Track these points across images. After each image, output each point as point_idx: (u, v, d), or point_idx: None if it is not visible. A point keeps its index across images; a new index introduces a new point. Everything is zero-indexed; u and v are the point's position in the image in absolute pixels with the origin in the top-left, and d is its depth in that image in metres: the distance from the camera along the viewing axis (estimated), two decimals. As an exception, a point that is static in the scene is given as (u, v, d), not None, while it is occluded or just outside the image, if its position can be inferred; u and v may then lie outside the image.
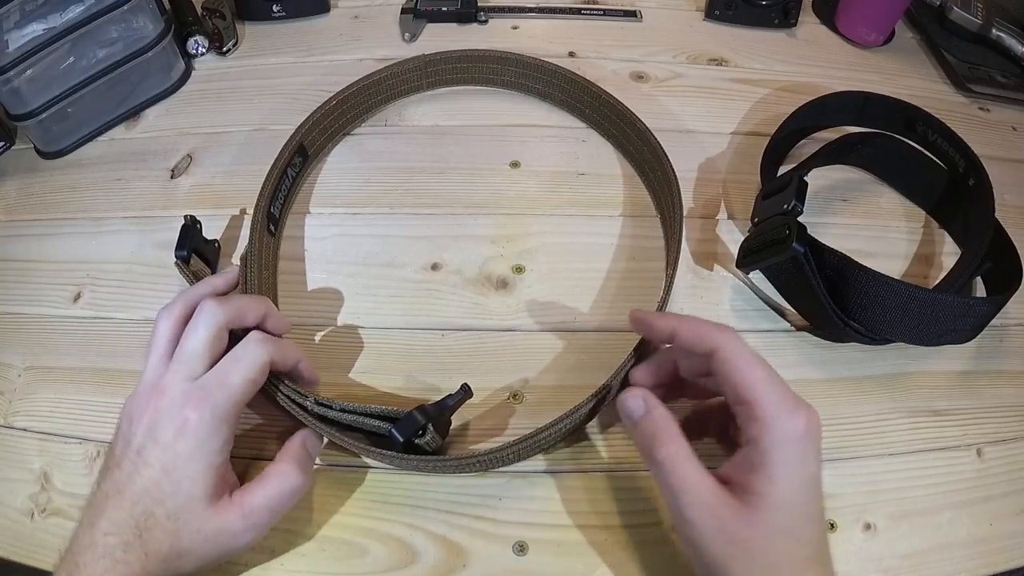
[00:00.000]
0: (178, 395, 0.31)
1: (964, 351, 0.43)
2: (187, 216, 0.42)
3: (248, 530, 0.31)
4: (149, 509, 0.29)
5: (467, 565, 0.34)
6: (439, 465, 0.36)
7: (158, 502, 0.29)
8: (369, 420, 0.35)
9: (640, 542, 0.35)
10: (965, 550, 0.36)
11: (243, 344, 0.33)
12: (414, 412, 0.34)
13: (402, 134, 0.54)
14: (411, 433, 0.34)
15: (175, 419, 0.30)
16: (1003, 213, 0.43)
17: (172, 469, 0.30)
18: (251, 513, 0.31)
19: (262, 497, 0.32)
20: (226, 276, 0.39)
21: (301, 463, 0.33)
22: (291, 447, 0.34)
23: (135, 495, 0.29)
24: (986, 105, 0.58)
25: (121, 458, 0.31)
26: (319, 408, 0.36)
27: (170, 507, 0.29)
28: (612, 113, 0.51)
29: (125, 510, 0.29)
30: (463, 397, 0.36)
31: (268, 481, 0.32)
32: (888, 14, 0.61)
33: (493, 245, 0.47)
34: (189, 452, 0.30)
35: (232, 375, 0.32)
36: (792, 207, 0.41)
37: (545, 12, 0.64)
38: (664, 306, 0.41)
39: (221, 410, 0.31)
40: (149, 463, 0.30)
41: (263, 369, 0.33)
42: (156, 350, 0.33)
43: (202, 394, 0.31)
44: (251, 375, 0.32)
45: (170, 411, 0.31)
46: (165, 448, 0.30)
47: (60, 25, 0.48)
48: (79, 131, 0.53)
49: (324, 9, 0.64)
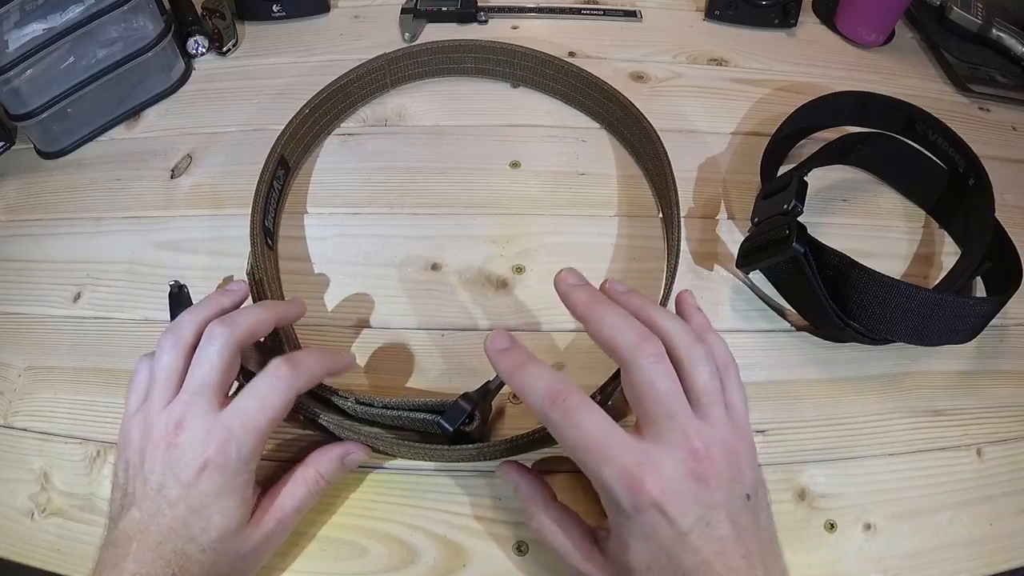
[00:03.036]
0: (199, 432, 0.29)
1: (964, 351, 0.43)
2: (172, 283, 0.39)
3: (284, 534, 0.33)
4: (180, 548, 0.28)
5: (467, 565, 0.34)
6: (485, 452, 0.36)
7: (189, 540, 0.28)
8: (414, 414, 0.35)
9: (640, 542, 0.35)
10: (965, 550, 0.36)
11: (269, 380, 0.31)
12: (459, 400, 0.34)
13: (402, 134, 0.54)
14: (459, 421, 0.34)
15: (197, 458, 0.29)
16: (1003, 213, 0.43)
17: (200, 508, 0.29)
18: (287, 521, 0.32)
19: (292, 500, 0.32)
20: (232, 295, 0.36)
21: (330, 474, 0.34)
22: (326, 456, 0.34)
23: (161, 534, 0.28)
24: (986, 105, 0.58)
25: (139, 497, 0.29)
26: (360, 408, 0.35)
27: (203, 542, 0.29)
28: (618, 108, 0.52)
29: (152, 550, 0.28)
30: (503, 382, 0.36)
31: (297, 487, 0.33)
32: (888, 14, 0.61)
33: (493, 245, 0.47)
34: (216, 490, 0.29)
35: (258, 417, 0.30)
36: (792, 207, 0.41)
37: (545, 12, 0.64)
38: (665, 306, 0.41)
39: (245, 452, 0.30)
40: (173, 503, 0.29)
41: (289, 404, 0.32)
42: (160, 378, 0.31)
43: (226, 434, 0.29)
44: (276, 414, 0.31)
45: (192, 449, 0.29)
46: (188, 487, 0.29)
47: (60, 25, 0.48)
48: (79, 131, 0.53)
49: (324, 9, 0.64)
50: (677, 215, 0.44)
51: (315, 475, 0.33)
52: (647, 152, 0.50)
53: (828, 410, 0.40)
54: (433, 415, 0.34)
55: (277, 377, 0.31)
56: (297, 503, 0.33)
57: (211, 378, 0.31)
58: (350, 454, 0.35)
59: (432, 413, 0.35)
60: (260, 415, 0.30)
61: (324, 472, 0.34)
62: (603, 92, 0.52)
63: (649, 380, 0.28)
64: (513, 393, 0.40)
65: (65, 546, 0.35)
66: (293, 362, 0.32)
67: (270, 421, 0.31)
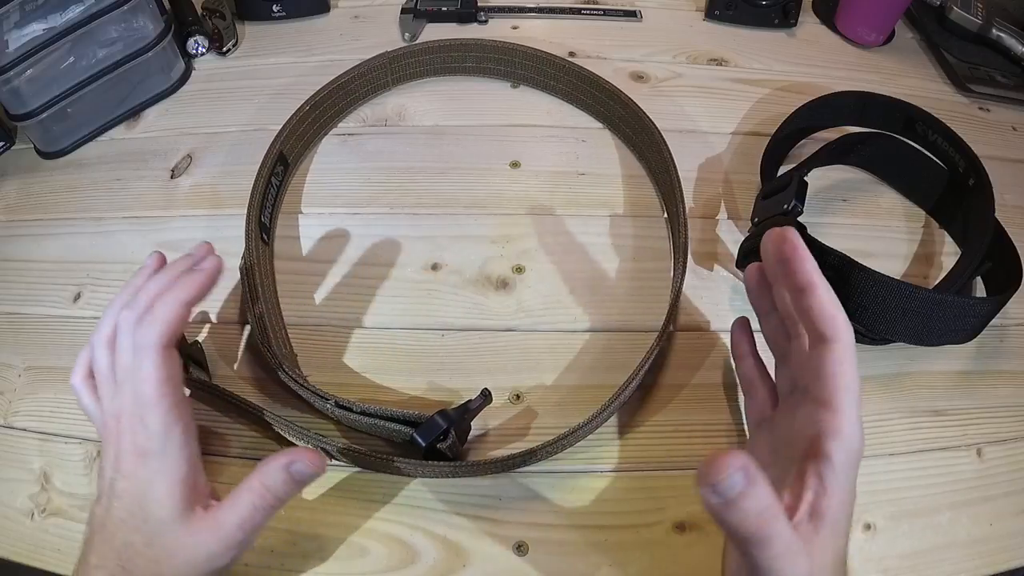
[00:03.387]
0: (126, 422, 0.30)
1: (964, 351, 0.43)
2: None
3: (226, 550, 0.29)
4: (127, 539, 0.29)
5: (467, 565, 0.34)
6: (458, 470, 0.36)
7: (134, 531, 0.29)
8: (389, 424, 0.35)
9: (640, 542, 0.35)
10: (965, 550, 0.36)
11: (134, 355, 0.30)
12: (436, 416, 0.34)
13: (402, 134, 0.54)
14: (433, 437, 0.34)
15: (129, 446, 0.30)
16: (1003, 213, 0.43)
17: (140, 496, 0.29)
18: (224, 534, 0.29)
19: (233, 515, 0.30)
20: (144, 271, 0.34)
21: (274, 486, 0.30)
22: (269, 467, 0.31)
23: (114, 527, 0.29)
24: (986, 105, 0.58)
25: (101, 493, 0.30)
26: (339, 412, 0.36)
27: (145, 534, 0.29)
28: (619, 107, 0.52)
29: (108, 543, 0.29)
30: (484, 402, 0.36)
31: (239, 498, 0.30)
32: (888, 14, 0.61)
33: (493, 245, 0.47)
34: (149, 476, 0.29)
35: (145, 392, 0.30)
36: (792, 207, 0.41)
37: (545, 12, 0.64)
38: (675, 307, 0.41)
39: (158, 427, 0.29)
40: (120, 495, 0.29)
41: (164, 362, 0.30)
42: (100, 379, 0.32)
43: (136, 417, 0.30)
44: (159, 377, 0.30)
45: (124, 439, 0.30)
46: (129, 477, 0.30)
47: (60, 25, 0.48)
48: (79, 131, 0.53)
49: (324, 9, 0.64)
50: (683, 213, 0.44)
51: (259, 487, 0.30)
52: (650, 150, 0.50)
53: (828, 410, 0.40)
54: (408, 428, 0.34)
55: (137, 347, 0.30)
56: (238, 518, 0.30)
57: (128, 364, 0.31)
58: (294, 463, 0.30)
59: (408, 425, 0.34)
60: (147, 388, 0.30)
61: (268, 484, 0.30)
62: (604, 91, 0.52)
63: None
64: (515, 392, 0.40)
65: (65, 546, 0.35)
66: (144, 321, 0.31)
67: (158, 387, 0.30)
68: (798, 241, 0.29)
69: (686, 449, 0.38)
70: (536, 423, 0.39)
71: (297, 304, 0.44)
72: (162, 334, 0.30)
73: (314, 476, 0.31)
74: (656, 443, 0.38)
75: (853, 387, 0.27)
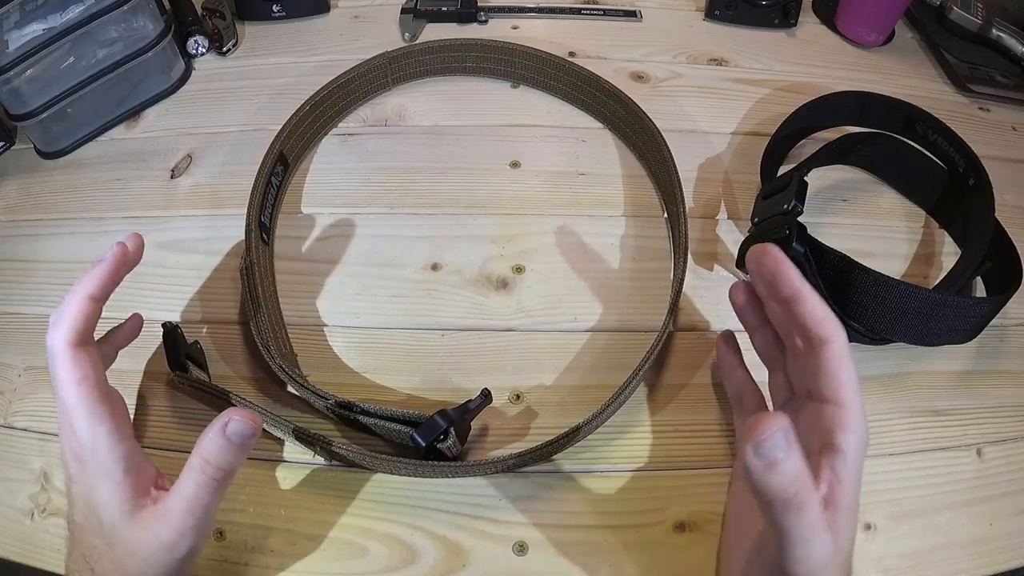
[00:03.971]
0: (63, 426, 0.30)
1: (964, 351, 0.43)
2: (165, 323, 0.39)
3: (180, 537, 0.28)
4: (90, 542, 0.29)
5: (467, 565, 0.34)
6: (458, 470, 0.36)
7: (94, 534, 0.29)
8: (390, 424, 0.35)
9: (640, 542, 0.35)
10: (965, 550, 0.36)
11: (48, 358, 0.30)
12: (436, 416, 0.34)
13: (402, 134, 0.54)
14: (433, 437, 0.34)
15: (69, 451, 0.30)
16: (1003, 213, 0.43)
17: (89, 500, 0.29)
18: (175, 520, 0.28)
19: (178, 500, 0.28)
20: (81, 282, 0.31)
21: (215, 456, 0.28)
22: (204, 439, 0.29)
23: (79, 531, 0.29)
24: (986, 105, 0.58)
25: (68, 500, 0.30)
26: (339, 411, 0.36)
27: (103, 536, 0.29)
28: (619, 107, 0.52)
29: (77, 547, 0.29)
30: (483, 402, 0.36)
31: (182, 482, 0.29)
32: (888, 14, 0.61)
33: (493, 245, 0.47)
34: (89, 480, 0.29)
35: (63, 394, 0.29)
36: (792, 207, 0.41)
37: (545, 12, 0.64)
38: (675, 307, 0.41)
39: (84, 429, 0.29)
40: (74, 500, 0.30)
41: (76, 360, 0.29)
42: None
43: (66, 424, 0.29)
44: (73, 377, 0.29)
45: (64, 443, 0.30)
46: (76, 482, 0.29)
47: (60, 25, 0.48)
48: (79, 131, 0.53)
49: (324, 9, 0.64)
50: (683, 213, 0.44)
51: (198, 463, 0.28)
52: (650, 150, 0.50)
53: (828, 410, 0.40)
54: (408, 427, 0.34)
55: (47, 350, 0.30)
56: (184, 502, 0.28)
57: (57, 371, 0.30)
58: (228, 424, 0.29)
59: (408, 425, 0.34)
60: (63, 391, 0.29)
61: (208, 457, 0.28)
62: (604, 91, 0.52)
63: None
64: (515, 392, 0.40)
65: (65, 546, 0.35)
66: (51, 323, 0.30)
67: (74, 388, 0.29)
68: (779, 254, 0.30)
69: (686, 449, 0.38)
70: (536, 423, 0.39)
71: (297, 304, 0.44)
72: (67, 334, 0.29)
73: (253, 435, 0.29)
74: (656, 443, 0.38)
75: (855, 382, 0.28)
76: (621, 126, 0.53)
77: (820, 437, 0.28)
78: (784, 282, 0.29)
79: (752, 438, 0.24)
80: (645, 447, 0.38)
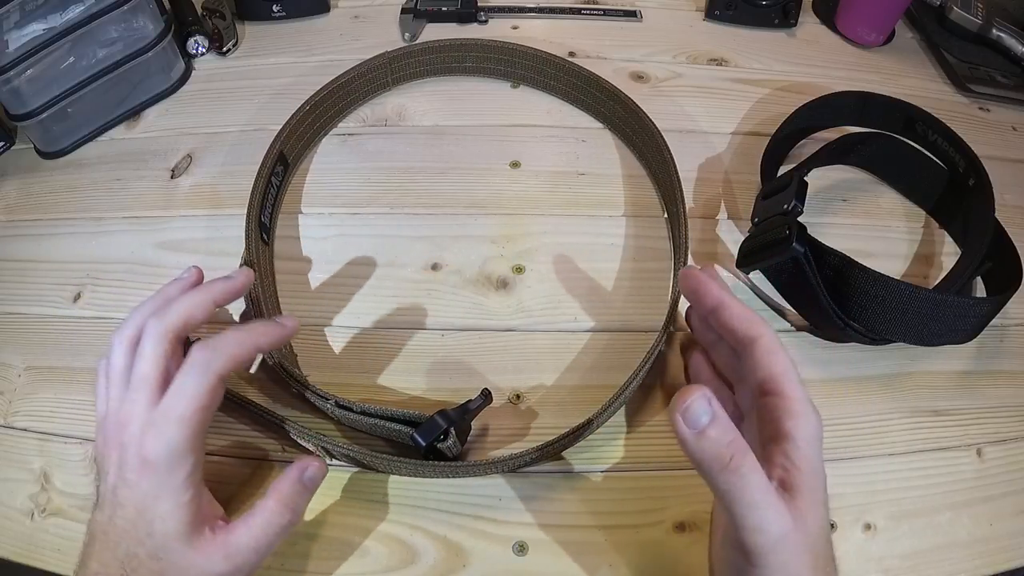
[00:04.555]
0: (137, 429, 0.30)
1: (964, 351, 0.43)
2: None
3: (235, 571, 0.29)
4: (131, 550, 0.28)
5: (467, 565, 0.34)
6: (458, 470, 0.36)
7: (138, 543, 0.29)
8: (390, 424, 0.35)
9: (640, 542, 0.35)
10: (965, 550, 0.36)
11: (187, 370, 0.30)
12: (436, 416, 0.34)
13: (402, 134, 0.54)
14: (433, 436, 0.34)
15: (136, 455, 0.29)
16: (1003, 213, 0.43)
17: (144, 509, 0.29)
18: (236, 554, 0.29)
19: (247, 537, 0.30)
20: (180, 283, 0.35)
21: (291, 500, 0.31)
22: (283, 483, 0.31)
23: (117, 536, 0.29)
24: (986, 105, 0.58)
25: (103, 498, 0.30)
26: (339, 411, 0.36)
27: (150, 547, 0.29)
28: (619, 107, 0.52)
29: (110, 551, 0.29)
30: (484, 402, 0.36)
31: (254, 520, 0.30)
32: (888, 14, 0.61)
33: (493, 245, 0.47)
34: (154, 491, 0.29)
35: (179, 408, 0.29)
36: (792, 207, 0.41)
37: (545, 12, 0.64)
38: (674, 308, 0.41)
39: (176, 445, 0.29)
40: (123, 503, 0.29)
41: (214, 391, 0.30)
42: (113, 379, 0.31)
43: (155, 430, 0.29)
44: (203, 403, 0.30)
45: (131, 446, 0.29)
46: (133, 487, 0.29)
47: (60, 25, 0.48)
48: (79, 131, 0.53)
49: (324, 9, 0.64)
50: (683, 213, 0.44)
51: (275, 505, 0.31)
52: (650, 150, 0.50)
53: (828, 410, 0.40)
54: (408, 427, 0.34)
55: (195, 365, 0.30)
56: (253, 540, 0.30)
57: (146, 373, 0.30)
58: (306, 470, 0.32)
59: (408, 425, 0.34)
60: (182, 405, 0.29)
61: (288, 500, 0.31)
62: (604, 91, 0.52)
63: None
64: (515, 392, 0.40)
65: (65, 546, 0.35)
66: (209, 346, 0.31)
67: (195, 411, 0.29)
68: (700, 272, 0.32)
69: (686, 449, 0.38)
70: (536, 423, 0.39)
71: (297, 304, 0.44)
72: (221, 368, 0.30)
73: (321, 480, 0.33)
74: (656, 443, 0.38)
75: (792, 372, 0.29)
76: (621, 126, 0.53)
77: (770, 428, 0.28)
78: (707, 295, 0.31)
79: (677, 408, 0.25)
80: (645, 447, 0.38)
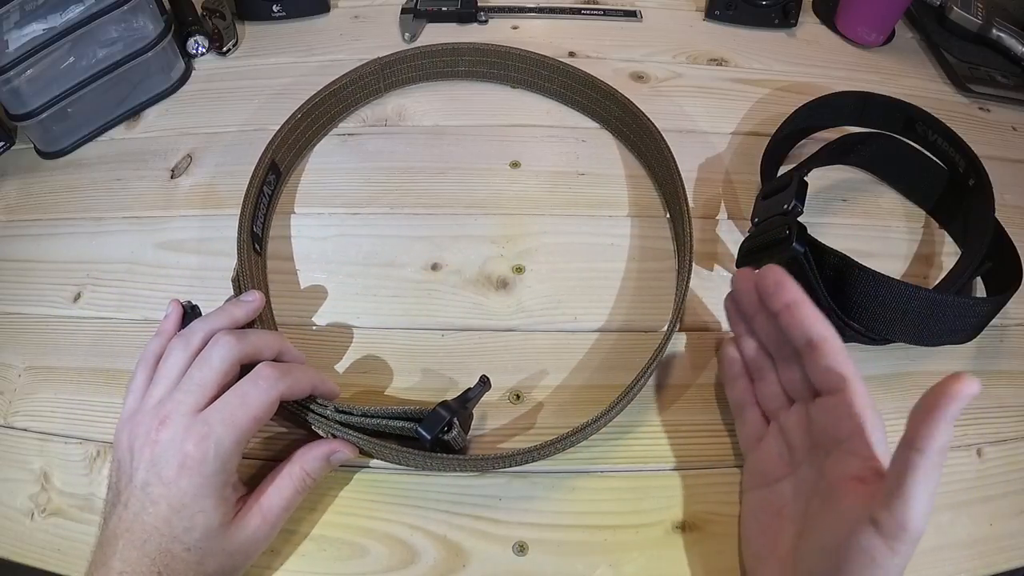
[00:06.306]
0: (180, 428, 0.30)
1: (964, 351, 0.43)
2: (186, 303, 0.37)
3: (274, 529, 0.32)
4: (164, 546, 0.29)
5: (467, 565, 0.34)
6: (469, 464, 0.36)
7: (173, 539, 0.29)
8: (393, 422, 0.35)
9: (640, 542, 0.35)
10: (965, 550, 0.36)
11: (253, 380, 0.32)
12: (438, 408, 0.34)
13: (402, 134, 0.54)
14: (438, 429, 0.34)
15: (177, 454, 0.29)
16: (1003, 213, 0.43)
17: (181, 507, 0.29)
18: (273, 518, 0.32)
19: (279, 500, 0.32)
20: (245, 306, 0.36)
21: (315, 471, 0.34)
22: (309, 456, 0.34)
23: (146, 533, 0.29)
24: (986, 105, 0.58)
25: (127, 495, 0.29)
26: (340, 416, 0.35)
27: (187, 542, 0.29)
28: (616, 107, 0.52)
29: (137, 548, 0.28)
30: (483, 389, 0.36)
31: (283, 482, 0.33)
32: (888, 14, 0.61)
33: (493, 245, 0.47)
34: (195, 489, 0.29)
35: (239, 414, 0.31)
36: (792, 207, 0.41)
37: (545, 12, 0.64)
38: (680, 307, 0.41)
39: (224, 448, 0.30)
40: (155, 501, 0.29)
41: (272, 407, 0.32)
42: (163, 377, 0.32)
43: (206, 430, 0.30)
44: (259, 414, 0.31)
45: (172, 445, 0.30)
46: (169, 485, 0.29)
47: (60, 25, 0.48)
48: (79, 131, 0.53)
49: (324, 9, 0.64)
50: (687, 212, 0.44)
51: (301, 473, 0.33)
52: (649, 150, 0.50)
53: (828, 410, 0.40)
54: (412, 423, 0.34)
55: (262, 378, 0.32)
56: (284, 502, 0.33)
57: (207, 379, 0.31)
58: (336, 452, 0.35)
59: (411, 421, 0.34)
60: (241, 412, 0.31)
61: (310, 470, 0.34)
62: (600, 91, 0.52)
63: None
64: (515, 392, 0.40)
65: (65, 546, 0.35)
66: (281, 368, 0.33)
67: (251, 420, 0.31)
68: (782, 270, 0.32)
69: (686, 449, 0.38)
70: (536, 423, 0.39)
71: (295, 305, 0.44)
72: (284, 391, 0.32)
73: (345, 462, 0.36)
74: (656, 443, 0.38)
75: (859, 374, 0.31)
76: (619, 126, 0.53)
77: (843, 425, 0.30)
78: (789, 289, 0.32)
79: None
80: (645, 447, 0.38)
